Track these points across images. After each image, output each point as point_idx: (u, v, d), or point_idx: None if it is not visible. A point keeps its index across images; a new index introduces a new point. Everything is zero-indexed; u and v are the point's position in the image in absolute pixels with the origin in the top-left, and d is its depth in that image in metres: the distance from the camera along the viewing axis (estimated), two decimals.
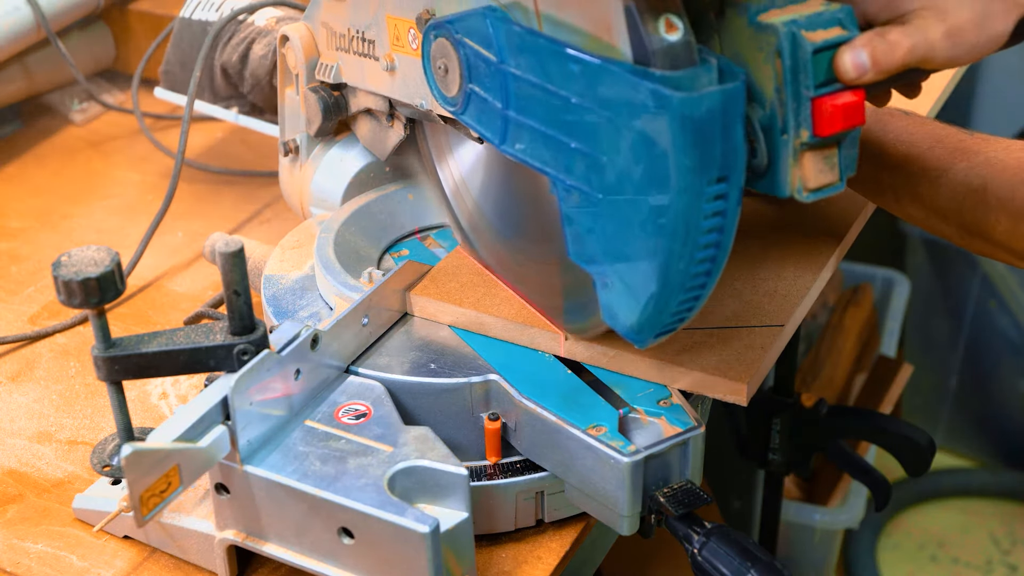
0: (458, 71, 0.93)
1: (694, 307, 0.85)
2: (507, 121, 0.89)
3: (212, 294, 1.30)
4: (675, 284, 0.81)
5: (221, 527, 0.92)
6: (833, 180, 0.84)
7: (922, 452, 1.40)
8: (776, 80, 0.81)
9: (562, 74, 0.81)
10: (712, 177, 0.78)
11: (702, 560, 0.88)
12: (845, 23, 0.82)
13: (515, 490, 0.95)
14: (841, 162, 0.84)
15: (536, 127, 0.86)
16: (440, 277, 1.06)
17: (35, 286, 1.33)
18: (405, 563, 0.84)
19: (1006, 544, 2.44)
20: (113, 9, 1.70)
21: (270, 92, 1.37)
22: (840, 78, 0.81)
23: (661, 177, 0.77)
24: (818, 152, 0.83)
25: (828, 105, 0.81)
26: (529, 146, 0.87)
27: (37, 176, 1.55)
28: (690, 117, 0.76)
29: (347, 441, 0.90)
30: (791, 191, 0.84)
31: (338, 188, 1.19)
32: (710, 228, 0.80)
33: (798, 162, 0.83)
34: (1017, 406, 2.50)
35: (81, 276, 0.82)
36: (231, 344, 0.86)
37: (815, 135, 0.82)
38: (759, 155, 0.83)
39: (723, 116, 0.77)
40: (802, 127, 0.81)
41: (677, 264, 0.80)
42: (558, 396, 0.93)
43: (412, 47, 1.00)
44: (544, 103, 0.84)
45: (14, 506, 1.03)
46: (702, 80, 0.77)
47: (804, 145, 0.83)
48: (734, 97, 0.77)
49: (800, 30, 0.80)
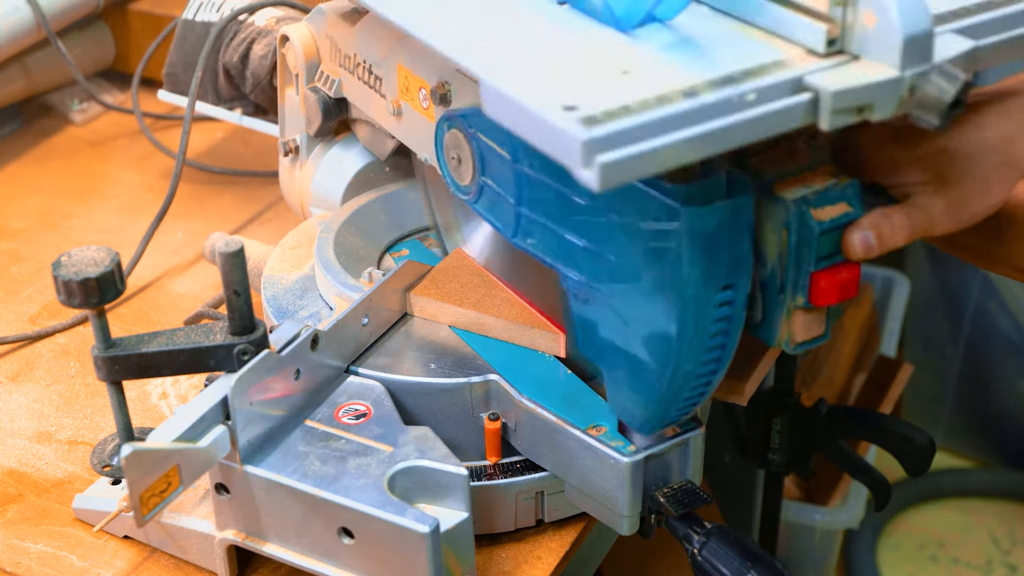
0: (471, 164, 0.94)
1: (699, 402, 0.87)
2: (519, 216, 0.91)
3: (212, 294, 1.30)
4: (682, 384, 0.84)
5: (221, 527, 0.92)
6: (819, 334, 0.86)
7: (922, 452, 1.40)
8: (780, 248, 0.82)
9: (573, 178, 0.82)
10: (719, 285, 0.80)
11: (702, 560, 0.89)
12: (851, 200, 0.83)
13: (515, 490, 0.95)
14: (829, 319, 0.87)
15: (547, 224, 0.88)
16: (440, 277, 1.06)
17: (35, 286, 1.33)
18: (405, 563, 0.84)
19: (1006, 544, 2.43)
20: (113, 9, 1.69)
21: (271, 92, 1.37)
22: (847, 255, 0.83)
23: (670, 285, 0.79)
24: (809, 313, 0.85)
25: (826, 280, 0.82)
26: (540, 241, 0.90)
27: (37, 176, 1.55)
28: (700, 230, 0.77)
29: (347, 441, 0.90)
30: (779, 343, 0.86)
31: (338, 188, 1.19)
32: (716, 332, 0.82)
33: (790, 320, 0.85)
34: (1017, 406, 2.50)
35: (81, 276, 0.82)
36: (231, 344, 0.86)
37: (810, 303, 0.84)
38: (755, 310, 0.86)
39: (732, 228, 0.79)
40: (799, 294, 0.83)
41: (684, 366, 0.82)
42: (558, 396, 0.93)
43: (423, 106, 1.00)
44: (556, 203, 0.87)
45: (14, 506, 1.03)
46: (711, 192, 0.78)
47: (797, 307, 0.84)
48: (742, 209, 0.79)
49: (809, 208, 0.81)
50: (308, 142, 1.21)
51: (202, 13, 1.42)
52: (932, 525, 2.48)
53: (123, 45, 1.72)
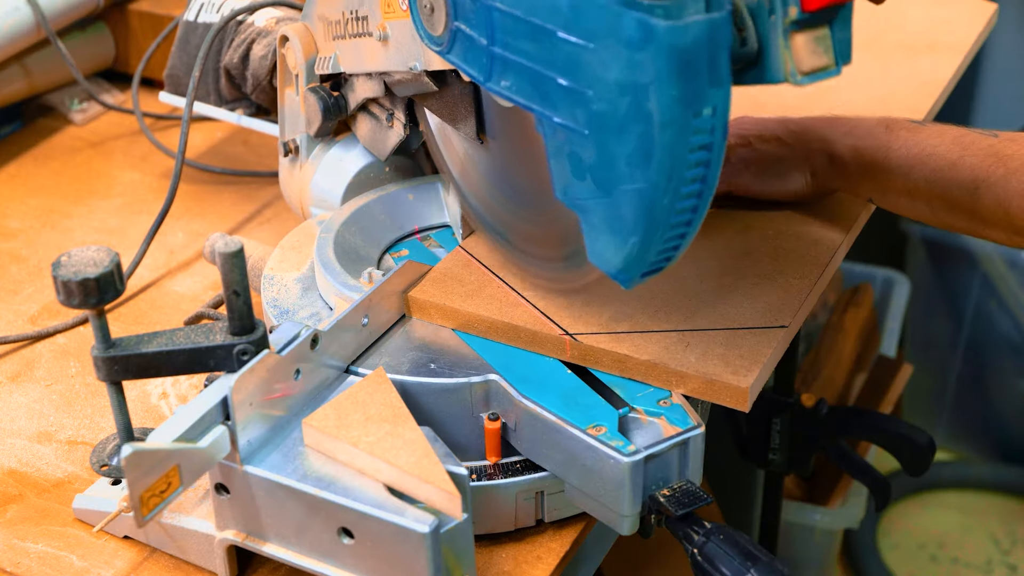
0: (444, 9, 0.92)
1: (680, 245, 0.84)
2: (492, 58, 0.88)
3: (212, 294, 1.30)
4: (660, 221, 0.80)
5: (221, 527, 0.92)
6: (827, 63, 0.82)
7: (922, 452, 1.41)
8: None
9: (546, 7, 0.80)
10: (698, 109, 0.77)
11: (702, 560, 0.88)
12: None
13: (515, 490, 0.95)
14: (835, 45, 0.82)
15: (521, 63, 0.85)
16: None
17: (35, 286, 1.33)
18: (405, 563, 0.84)
19: (1006, 544, 2.44)
20: (113, 9, 1.69)
21: (271, 92, 1.37)
22: None
23: (646, 109, 0.76)
24: (809, 33, 0.81)
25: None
26: (514, 83, 0.86)
27: (37, 176, 1.55)
28: (676, 47, 0.74)
29: None
30: (785, 75, 0.81)
31: (338, 188, 1.19)
32: (696, 162, 0.78)
33: (789, 45, 0.81)
34: (1017, 406, 2.50)
35: (80, 276, 0.82)
36: (231, 344, 0.86)
37: (804, 10, 0.80)
38: (749, 42, 0.81)
39: (710, 46, 0.75)
40: (790, 4, 0.80)
41: (662, 199, 0.79)
42: (558, 396, 0.93)
43: (402, 8, 1.00)
44: (529, 38, 0.83)
45: (14, 506, 1.03)
46: (688, 9, 0.75)
47: (794, 24, 0.81)
48: (721, 26, 0.76)
49: None
50: (308, 142, 1.21)
51: (203, 14, 1.42)
52: (932, 525, 2.48)
53: (123, 45, 1.72)
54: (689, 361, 0.95)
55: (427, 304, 1.03)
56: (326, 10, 1.12)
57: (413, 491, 0.85)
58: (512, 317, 1.00)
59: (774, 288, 1.04)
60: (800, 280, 1.05)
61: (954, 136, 1.04)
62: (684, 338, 0.97)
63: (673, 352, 0.96)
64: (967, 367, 2.55)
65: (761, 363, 0.95)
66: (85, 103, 1.67)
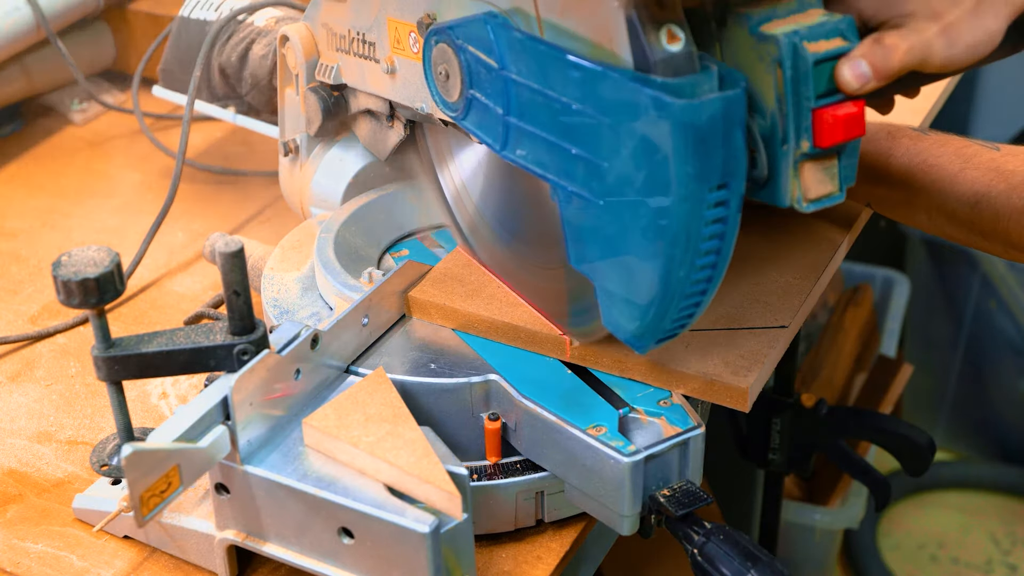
0: (459, 77, 0.93)
1: (695, 313, 0.85)
2: (508, 127, 0.89)
3: (212, 294, 1.30)
4: (676, 291, 0.81)
5: (221, 527, 0.92)
6: (833, 191, 0.84)
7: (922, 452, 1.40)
8: (777, 90, 0.81)
9: (563, 80, 0.81)
10: (713, 184, 0.78)
11: (702, 560, 0.88)
12: (846, 34, 0.82)
13: (515, 490, 0.95)
14: (841, 172, 0.84)
15: (537, 133, 0.86)
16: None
17: (35, 286, 1.33)
18: (405, 563, 0.84)
19: (1006, 544, 2.44)
20: (113, 9, 1.70)
21: (270, 93, 1.37)
22: (842, 89, 0.81)
23: (662, 184, 0.77)
24: (818, 163, 0.83)
25: (829, 116, 0.81)
26: (530, 152, 0.88)
27: (37, 176, 1.55)
28: (691, 124, 0.76)
29: None
30: (791, 201, 0.84)
31: (338, 188, 1.19)
32: (711, 235, 0.80)
33: (798, 173, 0.83)
34: (1017, 406, 2.50)
35: (80, 276, 0.82)
36: (231, 344, 0.86)
37: (816, 146, 0.82)
38: (759, 166, 0.83)
39: (724, 123, 0.77)
40: (803, 138, 0.81)
41: (678, 271, 0.80)
42: (558, 396, 0.93)
43: (413, 51, 1.00)
44: (545, 109, 0.84)
45: (14, 506, 1.03)
46: (703, 87, 0.77)
47: (804, 156, 0.82)
48: (735, 104, 0.77)
49: (801, 41, 0.80)
50: (308, 142, 1.21)
51: (198, 11, 1.43)
52: (932, 525, 2.48)
53: (123, 45, 1.72)
54: (689, 361, 0.95)
55: (427, 304, 1.03)
56: (331, 20, 1.12)
57: (413, 491, 0.85)
58: (512, 317, 1.00)
59: (774, 288, 1.04)
60: (800, 280, 1.05)
61: (956, 147, 1.03)
62: (684, 338, 0.97)
63: (673, 352, 0.96)
64: (967, 367, 2.55)
65: (761, 363, 0.95)
66: (85, 103, 1.67)
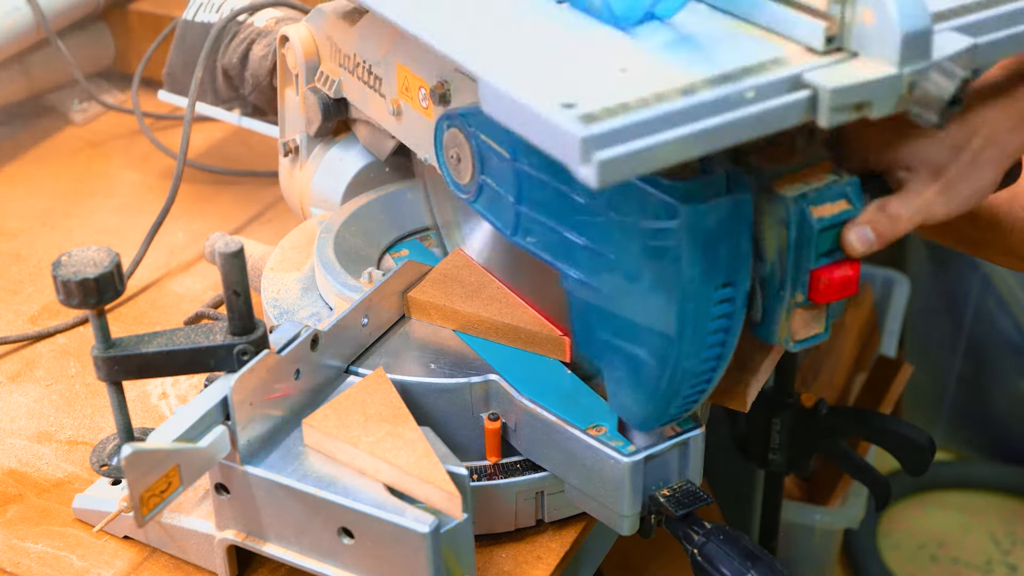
0: (471, 162, 0.94)
1: (699, 399, 0.87)
2: (518, 215, 0.91)
3: (212, 294, 1.30)
4: (681, 382, 0.83)
5: (221, 527, 0.92)
6: (819, 331, 0.87)
7: (922, 452, 1.40)
8: (780, 245, 0.82)
9: (572, 175, 0.82)
10: (719, 283, 0.80)
11: (702, 560, 0.88)
12: (851, 197, 0.83)
13: (515, 490, 0.95)
14: (828, 317, 0.87)
15: (547, 223, 0.88)
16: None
17: (35, 286, 1.33)
18: (405, 563, 0.84)
19: (1006, 544, 2.43)
20: (113, 9, 1.70)
21: (271, 93, 1.37)
22: (847, 253, 0.83)
23: (669, 282, 0.79)
24: (809, 311, 0.85)
25: (826, 278, 0.83)
26: (540, 239, 0.90)
27: (37, 176, 1.55)
28: (699, 228, 0.77)
29: None
30: (779, 340, 0.86)
31: (338, 188, 1.19)
32: (716, 329, 0.82)
33: (789, 318, 0.85)
34: (1017, 406, 2.50)
35: (80, 276, 0.82)
36: (231, 344, 0.86)
37: (810, 300, 0.84)
38: (755, 309, 0.85)
39: (731, 225, 0.79)
40: (798, 292, 0.83)
41: (683, 364, 0.82)
42: (558, 396, 0.93)
43: (422, 105, 1.00)
44: (555, 201, 0.86)
45: (14, 506, 1.03)
46: (710, 190, 0.78)
47: (797, 305, 0.84)
48: (741, 206, 0.79)
49: (808, 205, 0.81)
50: (308, 142, 1.21)
51: (201, 14, 1.43)
52: (932, 525, 2.48)
53: (123, 45, 1.72)
54: None
55: (427, 305, 1.03)
56: (336, 36, 1.11)
57: (413, 491, 0.85)
58: (512, 318, 1.00)
59: None
60: None
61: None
62: None
63: None
64: (967, 367, 2.55)
65: (760, 364, 0.95)
66: (85, 103, 1.67)
